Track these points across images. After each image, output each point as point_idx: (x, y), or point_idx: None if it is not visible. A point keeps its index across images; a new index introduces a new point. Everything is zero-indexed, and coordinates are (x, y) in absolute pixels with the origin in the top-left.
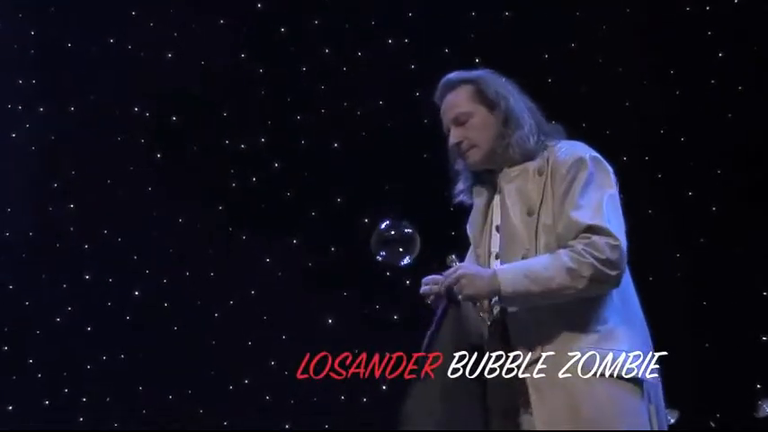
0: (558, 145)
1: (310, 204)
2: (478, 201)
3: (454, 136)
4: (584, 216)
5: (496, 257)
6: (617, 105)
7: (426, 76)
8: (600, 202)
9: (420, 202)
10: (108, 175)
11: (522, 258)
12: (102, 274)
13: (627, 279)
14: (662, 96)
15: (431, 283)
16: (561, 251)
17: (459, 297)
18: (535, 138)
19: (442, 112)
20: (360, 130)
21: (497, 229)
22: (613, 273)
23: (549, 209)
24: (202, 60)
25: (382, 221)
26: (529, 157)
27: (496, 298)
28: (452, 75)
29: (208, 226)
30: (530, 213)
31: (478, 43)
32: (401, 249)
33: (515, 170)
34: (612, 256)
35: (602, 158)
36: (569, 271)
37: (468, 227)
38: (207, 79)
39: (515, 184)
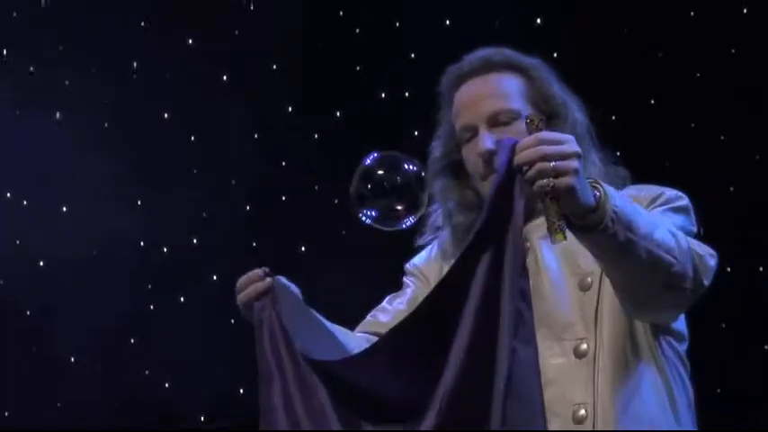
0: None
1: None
2: None
3: (488, 139)
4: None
5: None
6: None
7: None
8: (690, 233)
9: None
10: None
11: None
12: None
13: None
14: None
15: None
16: None
17: (551, 186)
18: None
19: (466, 98)
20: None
21: None
22: (706, 281)
23: None
24: None
25: (369, 156)
26: None
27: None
28: (493, 51)
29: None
30: (584, 287)
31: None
32: (400, 206)
33: None
34: (710, 262)
35: None
36: (672, 235)
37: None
38: None
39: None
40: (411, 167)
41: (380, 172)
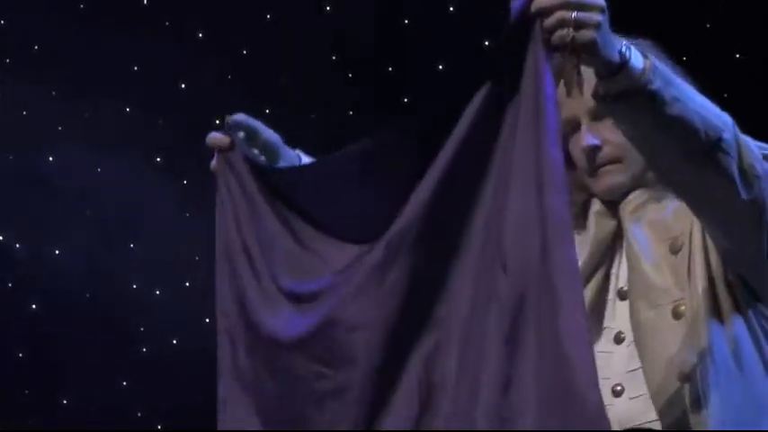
0: None
1: None
2: (594, 243)
3: (591, 135)
4: None
5: (617, 341)
6: None
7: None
8: None
9: None
10: None
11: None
12: None
13: None
14: None
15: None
16: None
17: (571, 37)
18: None
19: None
20: None
21: (620, 295)
22: (758, 165)
23: (700, 236)
24: None
25: None
26: None
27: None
28: None
29: None
30: (675, 250)
31: None
32: None
33: (639, 195)
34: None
35: None
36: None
37: None
38: None
39: (643, 216)
40: None
41: None
